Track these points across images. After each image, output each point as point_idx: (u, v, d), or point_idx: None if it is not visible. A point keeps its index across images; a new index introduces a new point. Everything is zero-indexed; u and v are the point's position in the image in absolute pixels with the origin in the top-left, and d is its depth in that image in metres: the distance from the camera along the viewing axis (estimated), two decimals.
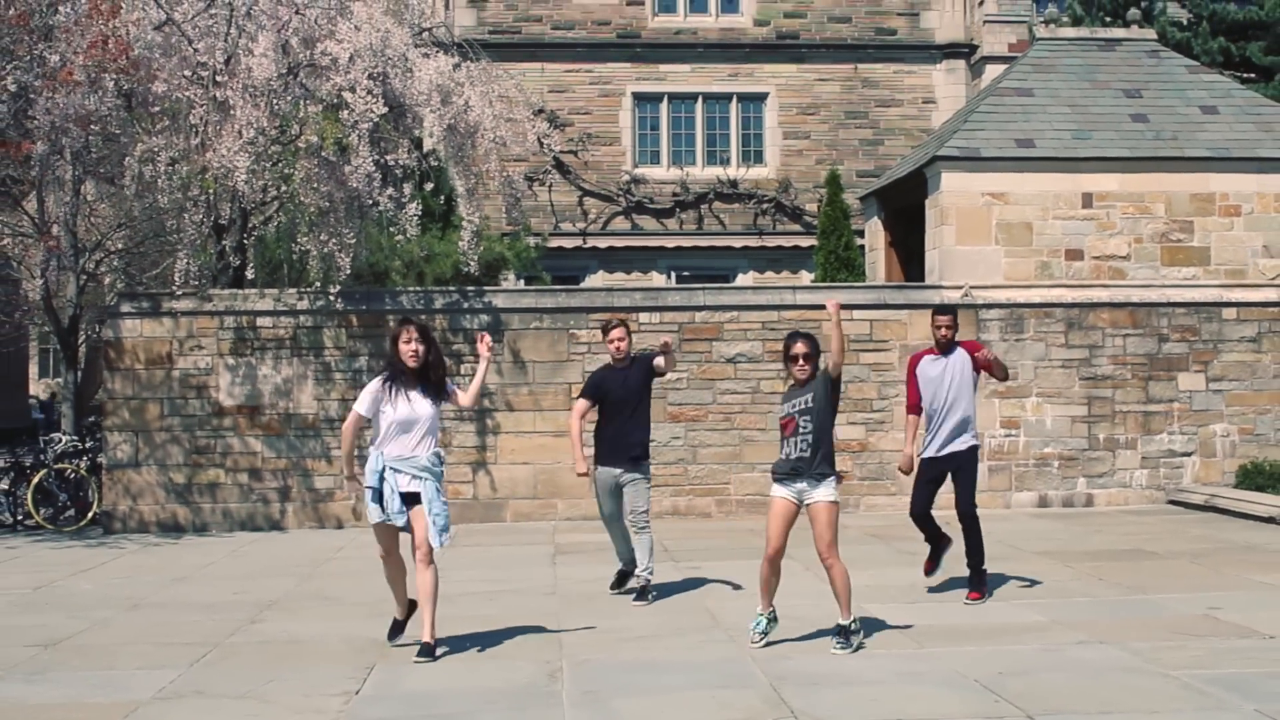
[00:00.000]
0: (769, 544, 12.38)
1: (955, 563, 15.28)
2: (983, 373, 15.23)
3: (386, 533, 12.50)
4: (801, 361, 12.35)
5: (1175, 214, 23.79)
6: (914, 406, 15.37)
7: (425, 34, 25.82)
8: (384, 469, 12.27)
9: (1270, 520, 20.41)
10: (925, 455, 15.22)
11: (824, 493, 12.22)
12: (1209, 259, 23.76)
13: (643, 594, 14.95)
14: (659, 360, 14.99)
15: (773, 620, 12.69)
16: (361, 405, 12.40)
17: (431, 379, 12.35)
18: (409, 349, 12.22)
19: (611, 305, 23.19)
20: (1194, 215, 23.81)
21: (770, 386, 22.60)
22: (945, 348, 15.15)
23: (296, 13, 22.23)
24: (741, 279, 40.52)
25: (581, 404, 15.28)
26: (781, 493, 12.36)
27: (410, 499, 12.25)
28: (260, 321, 22.69)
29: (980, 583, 14.78)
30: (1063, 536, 19.53)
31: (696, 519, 22.52)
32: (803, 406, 12.28)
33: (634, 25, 42.04)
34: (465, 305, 22.98)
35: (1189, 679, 10.96)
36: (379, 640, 12.89)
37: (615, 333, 15.19)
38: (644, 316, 22.98)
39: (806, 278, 37.81)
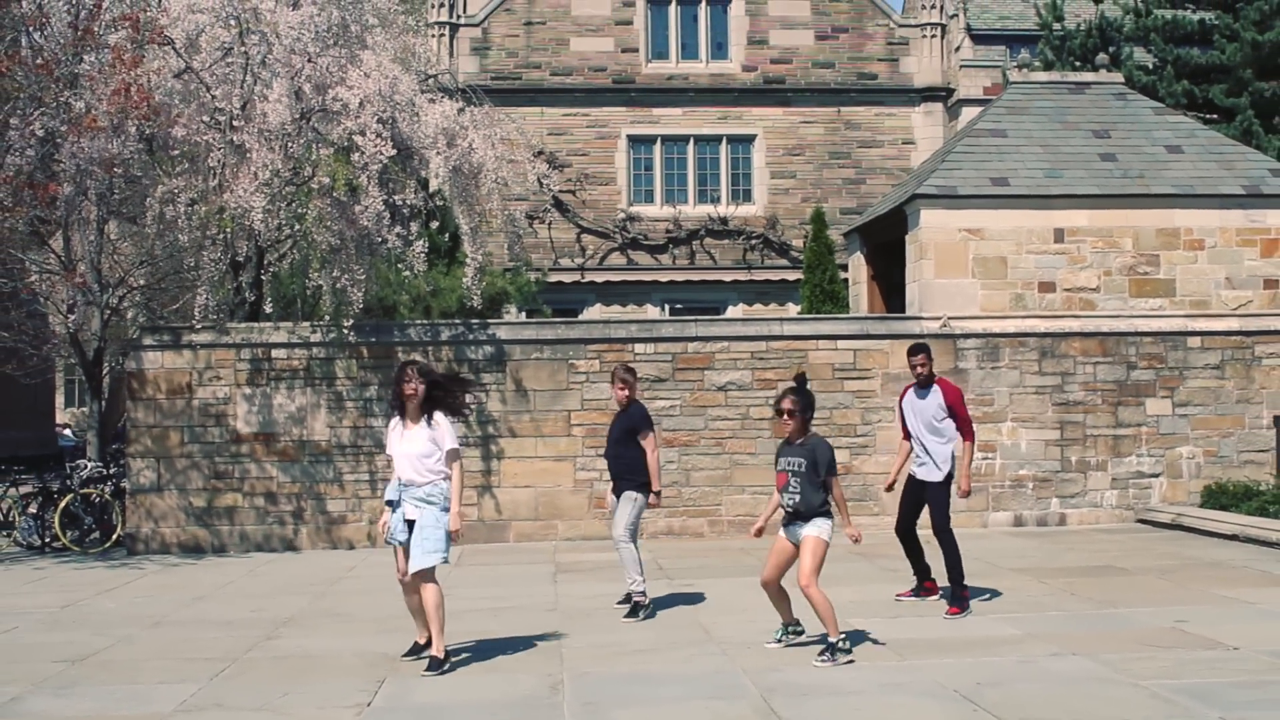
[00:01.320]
0: (762, 573, 12.95)
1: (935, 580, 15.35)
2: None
3: (398, 553, 12.68)
4: (785, 417, 12.71)
5: (1142, 248, 23.83)
6: (904, 434, 15.74)
7: (431, 80, 25.90)
8: (399, 494, 12.56)
9: (1234, 538, 20.42)
10: (911, 475, 15.60)
11: (812, 529, 12.53)
12: (1174, 290, 23.80)
13: (633, 610, 15.00)
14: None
15: (789, 631, 13.06)
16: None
17: (431, 413, 12.52)
18: (409, 388, 12.45)
19: (609, 337, 23.22)
20: (1160, 249, 23.85)
21: (759, 413, 22.63)
22: (924, 383, 15.36)
23: (309, 61, 22.28)
24: (731, 311, 40.67)
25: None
26: (782, 534, 12.81)
27: (412, 525, 12.44)
28: (275, 353, 22.70)
29: (958, 598, 14.83)
30: (1037, 554, 19.53)
31: (690, 539, 22.51)
32: (794, 469, 12.59)
33: (629, 71, 42.26)
34: (470, 337, 23.00)
35: (1157, 688, 10.99)
36: (390, 655, 12.92)
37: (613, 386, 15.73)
38: (639, 347, 23.01)
39: (793, 309, 37.90)
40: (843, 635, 12.41)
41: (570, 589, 17.20)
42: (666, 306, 41.17)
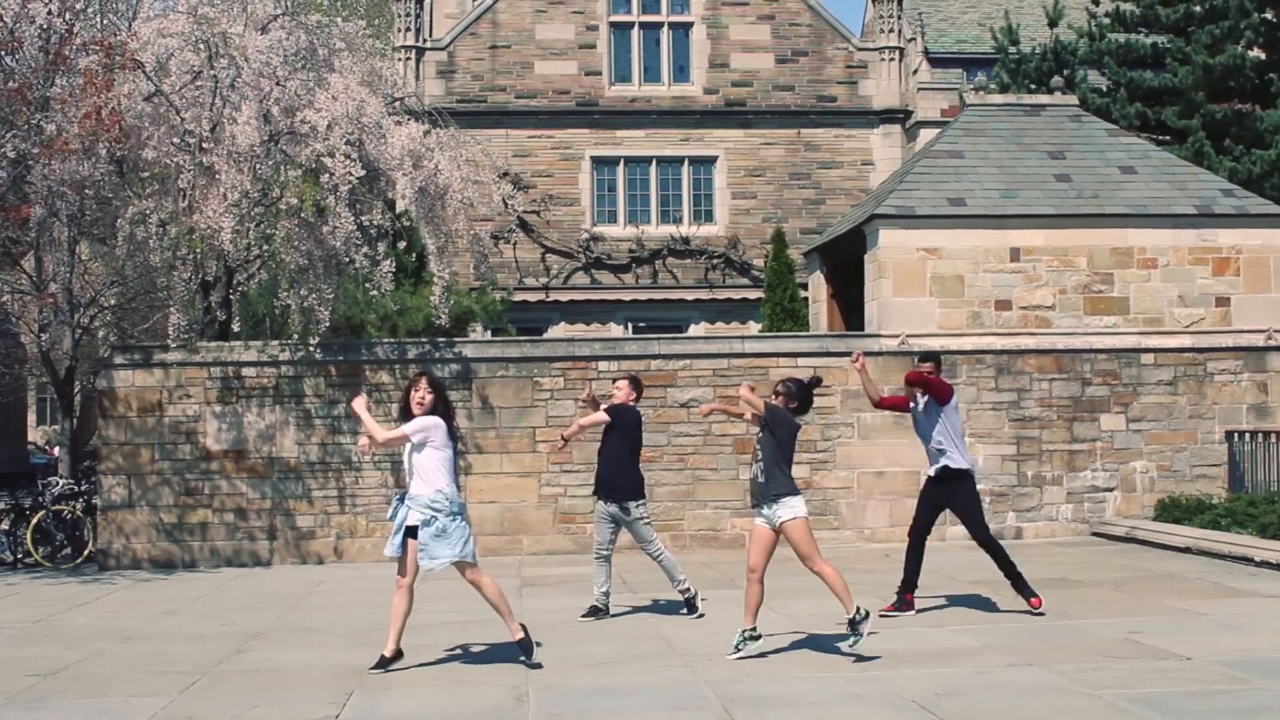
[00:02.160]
0: (749, 559, 13.12)
1: (879, 599, 15.40)
2: (953, 402, 15.96)
3: (397, 562, 13.00)
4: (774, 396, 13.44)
5: (1097, 267, 23.95)
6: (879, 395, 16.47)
7: (397, 103, 25.92)
8: (403, 503, 12.89)
9: (1186, 550, 20.51)
10: (929, 479, 16.09)
11: (786, 513, 12.83)
12: (1128, 308, 23.92)
13: (691, 606, 15.83)
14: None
15: (746, 637, 13.05)
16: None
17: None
18: (417, 398, 12.80)
19: (573, 355, 23.27)
20: (1114, 268, 23.97)
21: (720, 430, 22.70)
22: (921, 389, 15.79)
23: (278, 84, 22.31)
24: (694, 329, 40.66)
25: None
26: (758, 521, 13.08)
27: (412, 532, 12.71)
28: (245, 372, 22.68)
29: (1025, 589, 15.55)
30: (994, 567, 19.48)
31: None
32: (759, 441, 13.12)
33: (592, 94, 42.27)
34: (437, 355, 23.00)
35: (1112, 698, 11.05)
36: (357, 668, 12.90)
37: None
38: (603, 365, 23.04)
39: (754, 328, 37.92)
40: (856, 607, 12.79)
41: (535, 603, 17.19)
42: (630, 325, 41.12)
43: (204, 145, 22.08)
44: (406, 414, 12.88)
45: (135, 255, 23.24)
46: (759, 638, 13.07)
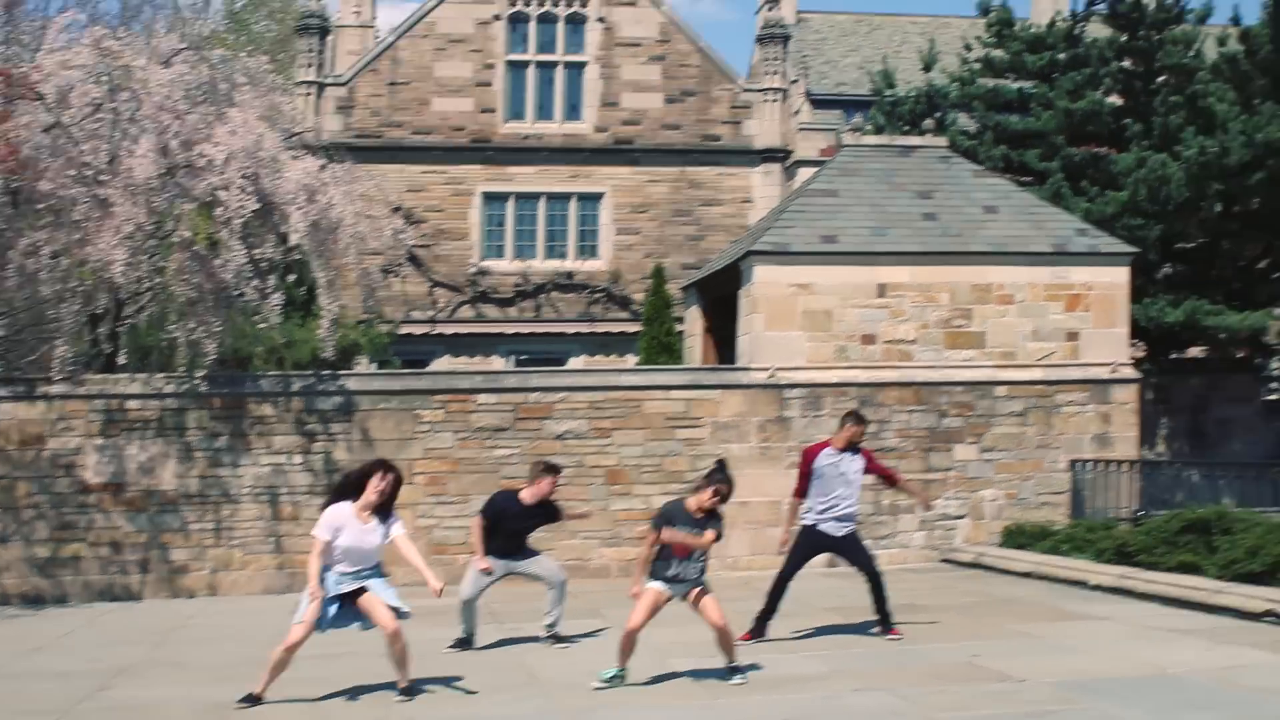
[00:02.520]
0: (632, 621, 12.96)
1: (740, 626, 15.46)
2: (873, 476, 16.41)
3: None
4: (718, 498, 13.59)
5: (958, 302, 24.14)
6: (799, 493, 16.33)
7: (295, 138, 25.75)
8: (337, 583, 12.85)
9: (1028, 575, 20.70)
10: (812, 526, 16.13)
11: (706, 589, 13.14)
12: (985, 342, 24.11)
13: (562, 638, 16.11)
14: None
15: (619, 675, 13.04)
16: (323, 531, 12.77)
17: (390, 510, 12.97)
18: (381, 488, 12.79)
19: (454, 387, 23.15)
20: (974, 303, 24.17)
21: (594, 461, 22.67)
22: (851, 448, 16.05)
23: (177, 118, 22.15)
24: (574, 361, 40.64)
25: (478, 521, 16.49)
26: (659, 586, 13.06)
27: (348, 598, 12.85)
28: (129, 404, 22.33)
29: (887, 622, 15.82)
30: (849, 594, 19.36)
31: (522, 584, 22.31)
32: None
33: (486, 131, 42.31)
34: (320, 388, 22.80)
35: None
36: (221, 704, 12.69)
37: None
38: (482, 398, 22.92)
39: (631, 360, 37.93)
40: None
41: (406, 635, 17.01)
42: (513, 358, 41.09)
43: (100, 178, 21.82)
44: (358, 494, 12.76)
45: (25, 287, 22.87)
46: (625, 677, 13.04)
